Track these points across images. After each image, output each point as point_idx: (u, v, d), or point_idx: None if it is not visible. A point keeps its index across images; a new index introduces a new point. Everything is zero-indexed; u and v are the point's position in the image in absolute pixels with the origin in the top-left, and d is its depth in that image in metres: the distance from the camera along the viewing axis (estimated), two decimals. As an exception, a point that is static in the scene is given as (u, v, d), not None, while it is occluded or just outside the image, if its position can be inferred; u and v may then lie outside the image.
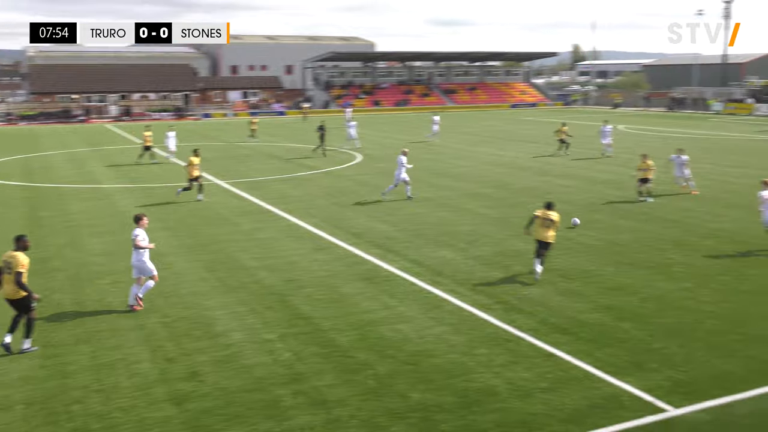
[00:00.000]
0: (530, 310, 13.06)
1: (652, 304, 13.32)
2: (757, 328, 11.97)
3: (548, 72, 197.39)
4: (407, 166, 24.81)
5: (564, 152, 37.61)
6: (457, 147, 42.75)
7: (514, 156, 37.54)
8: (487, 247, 17.79)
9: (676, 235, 18.86)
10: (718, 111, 75.99)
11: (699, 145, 42.30)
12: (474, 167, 33.13)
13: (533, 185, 27.45)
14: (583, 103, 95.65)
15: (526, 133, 52.41)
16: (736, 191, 25.36)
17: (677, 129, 55.09)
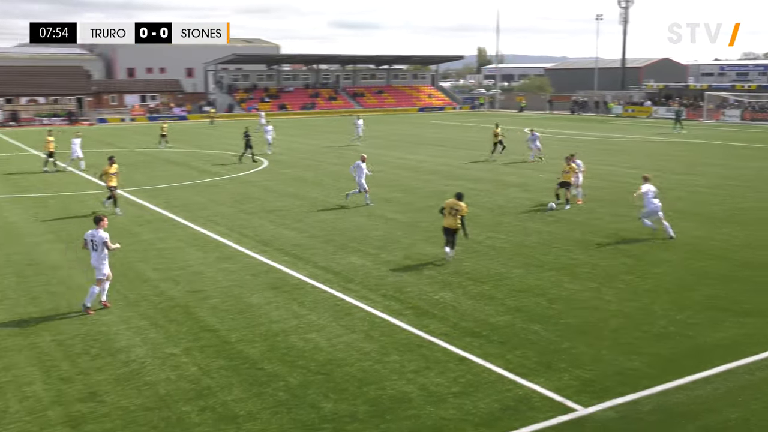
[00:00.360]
0: (442, 314, 13.25)
1: (560, 304, 13.77)
2: (658, 326, 12.58)
3: (455, 75, 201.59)
4: (368, 173, 24.66)
5: (498, 153, 37.97)
6: (365, 151, 42.90)
7: (422, 160, 38.04)
8: (397, 252, 17.93)
9: (582, 236, 19.59)
10: (618, 114, 79.55)
11: (600, 147, 44.15)
12: (383, 172, 33.36)
13: (443, 189, 27.90)
14: (490, 106, 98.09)
15: (434, 136, 53.27)
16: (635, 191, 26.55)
17: (580, 132, 57.31)
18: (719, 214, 22.30)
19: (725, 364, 10.86)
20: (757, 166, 34.15)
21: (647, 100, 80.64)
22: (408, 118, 79.93)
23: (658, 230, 19.23)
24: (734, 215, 22.06)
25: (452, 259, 16.86)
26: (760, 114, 67.90)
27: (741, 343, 11.67)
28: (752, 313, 13.09)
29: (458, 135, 55.09)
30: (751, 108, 69.70)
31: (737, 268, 16.20)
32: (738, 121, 67.71)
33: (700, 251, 17.71)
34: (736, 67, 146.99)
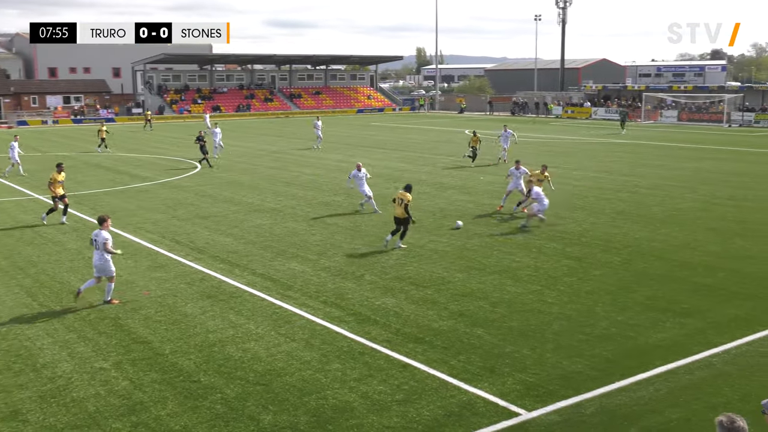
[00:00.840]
0: (384, 320, 13.31)
1: (502, 308, 14.00)
2: (599, 328, 12.91)
3: (394, 76, 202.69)
4: (367, 176, 24.25)
5: (467, 157, 37.29)
6: (303, 154, 42.81)
7: (363, 163, 38.07)
8: (338, 258, 17.93)
9: (524, 238, 19.95)
10: (558, 115, 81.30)
11: (543, 149, 45.05)
12: (322, 175, 33.30)
13: (384, 192, 28.01)
14: (430, 107, 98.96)
15: (374, 138, 53.45)
16: (578, 194, 27.24)
17: (522, 133, 58.28)
18: (659, 214, 23.03)
19: (666, 364, 11.22)
20: (694, 166, 35.39)
21: (586, 101, 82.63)
22: (347, 119, 79.98)
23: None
24: (673, 216, 22.82)
25: (399, 248, 18.59)
26: (696, 115, 70.35)
27: (681, 343, 12.08)
28: (691, 313, 13.57)
29: (399, 137, 55.41)
30: (688, 109, 72.17)
31: (676, 268, 16.76)
32: (675, 122, 70.01)
33: (641, 252, 18.26)
34: (673, 68, 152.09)
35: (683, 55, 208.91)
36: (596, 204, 25.06)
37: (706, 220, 22.20)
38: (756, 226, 21.31)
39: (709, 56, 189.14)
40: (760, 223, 21.73)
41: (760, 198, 25.97)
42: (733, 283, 15.56)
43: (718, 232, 20.46)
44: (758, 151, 43.10)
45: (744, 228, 21.02)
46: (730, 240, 19.54)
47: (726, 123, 65.89)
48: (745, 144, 48.15)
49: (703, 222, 21.88)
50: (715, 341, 12.12)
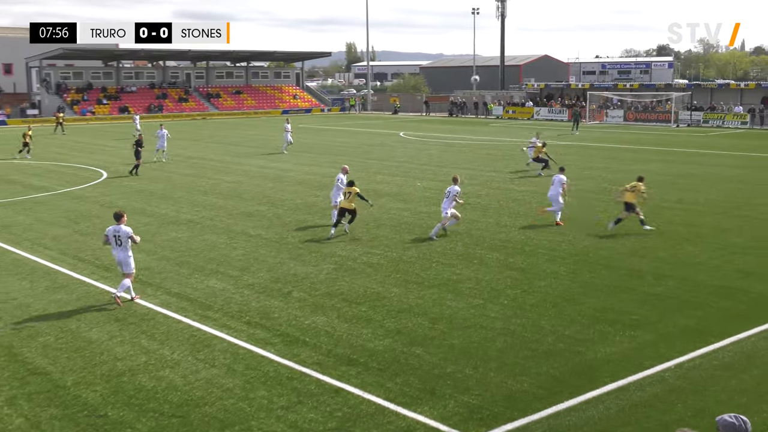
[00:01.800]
0: (314, 341, 13.23)
1: (443, 324, 14.10)
2: (546, 343, 13.13)
3: (322, 74, 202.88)
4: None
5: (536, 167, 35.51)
6: (222, 159, 42.36)
7: (287, 168, 37.94)
8: (262, 273, 17.78)
9: (464, 248, 20.17)
10: (499, 115, 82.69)
11: (483, 152, 45.70)
12: (243, 182, 33.00)
13: (312, 201, 27.94)
14: (361, 108, 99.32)
15: (301, 141, 53.24)
16: (520, 200, 27.72)
17: (461, 135, 59.10)
18: (605, 221, 23.60)
19: (616, 381, 11.48)
20: (641, 169, 36.35)
21: (528, 100, 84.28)
22: (270, 121, 79.51)
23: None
24: (621, 222, 23.39)
25: (347, 233, 21.44)
26: (642, 114, 72.55)
27: (631, 358, 12.38)
28: (641, 325, 13.93)
29: (327, 140, 55.40)
30: (634, 108, 74.40)
31: (624, 277, 17.21)
32: (621, 122, 72.04)
33: (587, 261, 18.68)
34: (618, 65, 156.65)
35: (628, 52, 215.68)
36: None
37: (655, 224, 22.84)
38: (705, 230, 22.08)
39: (655, 52, 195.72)
40: (710, 227, 22.52)
41: (709, 201, 26.93)
42: (683, 291, 16.07)
43: (666, 238, 21.10)
44: (707, 152, 44.71)
45: (693, 232, 21.74)
46: (678, 246, 20.18)
47: (674, 123, 68.17)
48: (693, 145, 49.90)
49: (651, 227, 22.50)
50: (667, 354, 12.47)
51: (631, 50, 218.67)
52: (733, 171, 35.17)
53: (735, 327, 13.72)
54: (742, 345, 12.92)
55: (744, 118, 66.04)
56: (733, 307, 15.03)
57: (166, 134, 42.21)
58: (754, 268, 17.91)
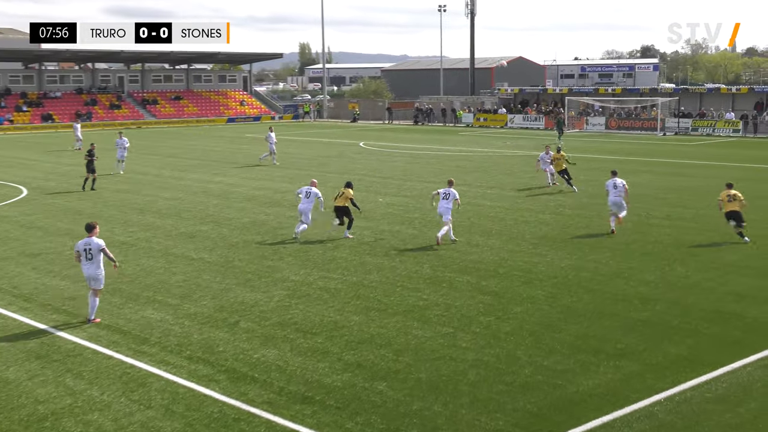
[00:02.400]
0: (264, 377, 13.14)
1: (408, 356, 14.08)
2: (522, 375, 13.18)
3: (273, 78, 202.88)
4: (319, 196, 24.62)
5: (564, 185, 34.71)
6: (159, 173, 42.04)
7: (234, 183, 37.76)
8: (205, 302, 17.63)
9: (432, 271, 20.20)
10: (469, 123, 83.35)
11: (453, 164, 45.96)
12: (183, 199, 32.75)
13: (261, 219, 27.83)
14: (317, 115, 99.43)
15: (249, 153, 53.11)
16: (494, 216, 27.91)
17: (425, 145, 59.41)
18: (587, 239, 23.86)
19: (601, 416, 11.55)
20: (625, 181, 36.88)
21: (501, 106, 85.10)
22: (215, 130, 79.24)
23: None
24: (602, 240, 23.69)
25: (347, 237, 23.98)
26: (626, 122, 73.71)
27: (617, 391, 12.48)
28: (627, 354, 14.06)
29: (279, 151, 55.27)
30: (617, 115, 75.55)
31: (608, 301, 17.38)
32: (603, 130, 73.11)
33: (567, 284, 18.83)
34: (599, 68, 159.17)
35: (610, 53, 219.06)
36: (515, 228, 25.73)
37: (641, 243, 23.16)
38: (696, 249, 22.42)
39: (639, 53, 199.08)
40: (701, 245, 22.88)
41: (700, 217, 27.36)
42: (673, 316, 16.26)
43: (654, 258, 21.37)
44: (697, 163, 45.50)
45: (683, 252, 22.06)
46: (668, 266, 20.45)
47: (660, 131, 69.33)
48: (681, 155, 50.75)
49: (637, 246, 22.81)
50: (656, 386, 12.59)
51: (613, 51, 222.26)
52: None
53: (729, 355, 13.91)
54: (737, 375, 13.10)
55: (736, 125, 67.40)
56: (728, 334, 15.24)
57: (126, 143, 42.63)
58: (750, 290, 18.20)
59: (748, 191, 33.21)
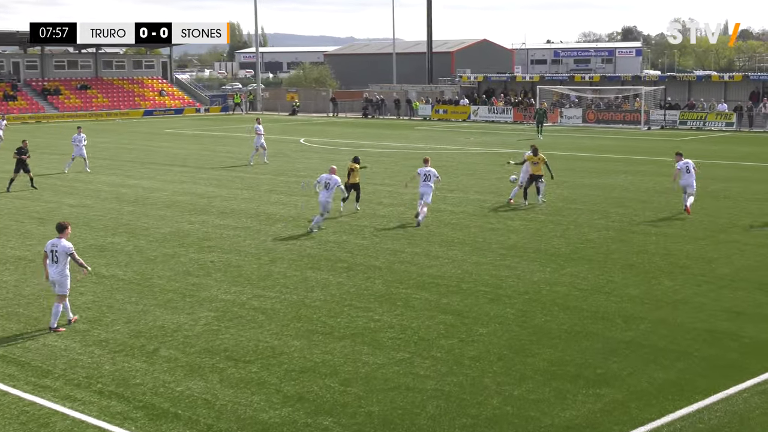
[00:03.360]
0: (189, 414, 13.04)
1: (358, 386, 14.08)
2: (489, 407, 13.26)
3: (197, 64, 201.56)
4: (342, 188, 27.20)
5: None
6: (62, 176, 41.53)
7: (153, 187, 37.44)
8: (118, 326, 17.46)
9: (385, 287, 20.24)
10: (427, 116, 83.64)
11: (409, 163, 46.05)
12: (92, 206, 32.40)
13: (184, 228, 27.63)
14: (250, 107, 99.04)
15: (169, 152, 52.74)
16: (456, 223, 28.03)
17: (377, 141, 59.51)
18: (563, 248, 24.09)
19: (578, 451, 11.67)
20: (605, 183, 37.42)
21: (464, 97, 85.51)
22: (129, 125, 78.52)
23: None
24: (580, 249, 23.95)
25: (357, 210, 28.98)
26: (606, 114, 74.58)
27: (597, 423, 12.61)
28: (608, 381, 14.22)
29: (205, 149, 54.97)
30: (596, 106, 76.41)
31: (587, 320, 17.56)
32: (580, 124, 73.95)
33: (540, 301, 19.00)
34: (575, 52, 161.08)
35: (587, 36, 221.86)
36: (480, 237, 25.88)
37: (624, 254, 23.45)
38: (686, 260, 22.76)
39: (620, 36, 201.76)
40: (691, 256, 23.23)
41: (689, 223, 27.79)
42: (660, 337, 16.49)
43: (638, 270, 21.66)
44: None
45: (670, 263, 22.38)
46: (654, 280, 20.73)
47: (644, 125, 70.30)
48: (668, 152, 51.25)
49: (619, 257, 23.09)
50: (641, 417, 12.74)
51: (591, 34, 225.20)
52: (718, 184, 36.40)
53: (724, 380, 14.13)
54: (732, 403, 13.31)
55: (729, 118, 68.62)
56: (722, 356, 15.50)
57: (84, 140, 43.55)
58: (746, 306, 18.53)
59: (742, 193, 33.89)
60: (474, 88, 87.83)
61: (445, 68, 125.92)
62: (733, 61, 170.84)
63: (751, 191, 34.38)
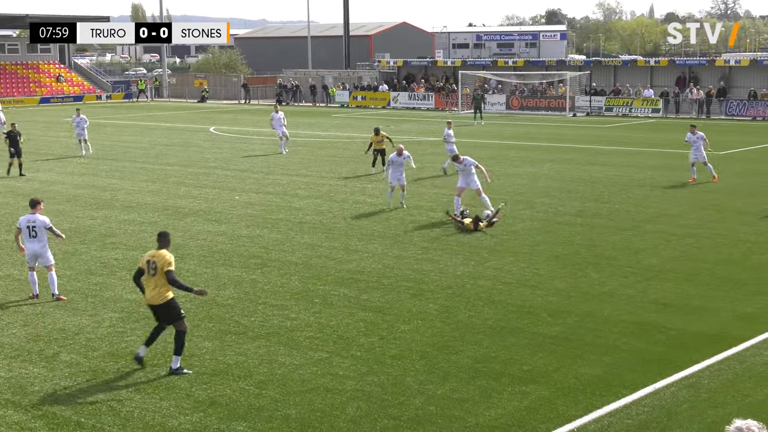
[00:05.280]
0: (93, 422, 12.89)
1: (274, 389, 14.06)
2: (413, 407, 13.35)
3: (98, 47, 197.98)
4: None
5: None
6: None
7: (51, 180, 36.85)
8: (15, 330, 17.19)
9: (301, 283, 20.23)
10: (344, 103, 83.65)
11: (327, 153, 46.06)
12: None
13: (86, 224, 27.24)
14: (155, 94, 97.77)
15: (68, 142, 51.79)
16: (376, 216, 28.11)
17: (292, 130, 59.02)
18: (486, 241, 24.32)
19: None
20: (529, 172, 37.88)
21: (383, 82, 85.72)
22: (24, 113, 76.91)
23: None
24: (504, 241, 24.22)
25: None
26: (530, 100, 75.50)
27: (523, 421, 12.80)
28: (534, 378, 14.43)
29: (108, 139, 54.16)
30: (519, 92, 77.26)
31: (512, 315, 17.79)
32: (503, 111, 74.70)
33: (464, 296, 19.17)
34: (498, 36, 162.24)
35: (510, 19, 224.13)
36: (401, 229, 25.99)
37: (549, 245, 23.78)
38: (612, 251, 23.18)
39: (544, 19, 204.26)
40: (618, 247, 23.66)
41: (615, 213, 28.30)
42: (587, 331, 16.79)
43: (564, 262, 22.00)
44: (612, 149, 47.00)
45: (597, 255, 22.78)
46: (580, 272, 21.09)
47: (569, 111, 71.35)
48: (594, 140, 52.33)
49: (544, 248, 23.41)
50: (568, 414, 12.97)
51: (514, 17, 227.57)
52: (645, 173, 37.12)
53: (652, 374, 14.45)
54: (660, 397, 13.62)
55: (655, 104, 69.98)
56: (649, 349, 15.84)
57: (85, 121, 44.55)
58: (674, 297, 18.96)
59: (668, 182, 34.60)
60: (393, 74, 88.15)
61: (363, 52, 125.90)
62: (659, 45, 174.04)
63: (677, 179, 35.08)
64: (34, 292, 19.10)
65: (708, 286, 19.91)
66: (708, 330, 16.83)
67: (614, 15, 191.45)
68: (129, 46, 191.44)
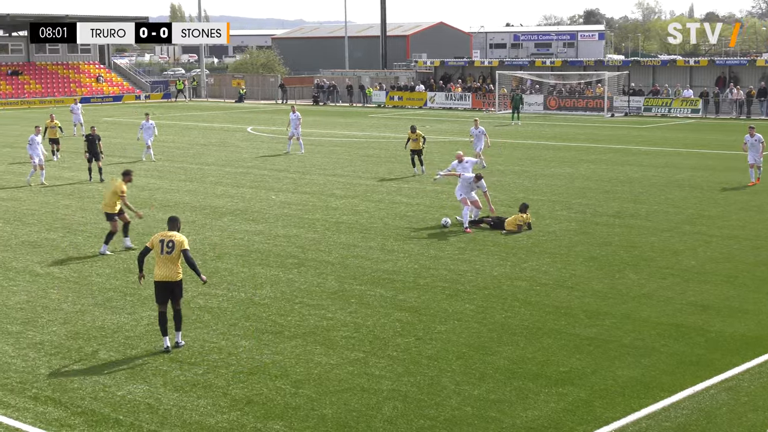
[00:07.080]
0: (131, 419, 12.97)
1: (310, 388, 14.08)
2: (448, 408, 13.32)
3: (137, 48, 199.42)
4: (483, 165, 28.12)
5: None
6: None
7: (88, 179, 37.15)
8: (55, 327, 17.31)
9: (338, 283, 20.24)
10: (381, 103, 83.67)
11: (363, 152, 46.06)
12: (23, 200, 32.11)
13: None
14: (193, 94, 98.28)
15: (108, 141, 52.13)
16: (412, 216, 28.08)
17: (328, 130, 59.44)
18: (523, 242, 24.23)
19: (541, 453, 11.77)
20: (567, 173, 37.67)
21: (419, 82, 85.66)
22: (64, 113, 77.50)
23: None
24: (542, 242, 24.11)
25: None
26: (568, 101, 75.07)
27: (560, 423, 12.73)
28: (571, 379, 14.36)
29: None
30: (557, 92, 76.88)
31: (549, 316, 17.70)
32: (541, 111, 74.35)
33: (500, 297, 19.11)
34: (535, 36, 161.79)
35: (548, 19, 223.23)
36: (437, 229, 25.94)
37: (587, 246, 23.65)
38: (651, 252, 23.01)
39: (582, 19, 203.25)
40: (657, 248, 23.49)
41: (654, 213, 28.09)
42: (625, 333, 16.66)
43: (601, 263, 21.87)
44: (650, 150, 46.66)
45: (635, 256, 22.61)
46: (618, 273, 20.94)
47: (607, 112, 70.88)
48: (632, 140, 51.97)
49: (582, 249, 23.29)
50: (606, 416, 12.88)
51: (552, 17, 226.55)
52: (684, 173, 36.84)
53: (690, 377, 14.34)
54: (699, 400, 13.50)
55: (695, 104, 69.35)
56: (688, 352, 15.70)
57: (154, 126, 44.44)
58: (713, 299, 18.79)
59: (707, 183, 34.29)
60: (430, 74, 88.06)
61: (399, 53, 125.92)
62: (698, 45, 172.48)
63: (717, 180, 34.78)
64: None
65: (748, 288, 19.72)
66: (748, 332, 16.66)
67: (653, 15, 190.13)
68: (168, 46, 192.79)
